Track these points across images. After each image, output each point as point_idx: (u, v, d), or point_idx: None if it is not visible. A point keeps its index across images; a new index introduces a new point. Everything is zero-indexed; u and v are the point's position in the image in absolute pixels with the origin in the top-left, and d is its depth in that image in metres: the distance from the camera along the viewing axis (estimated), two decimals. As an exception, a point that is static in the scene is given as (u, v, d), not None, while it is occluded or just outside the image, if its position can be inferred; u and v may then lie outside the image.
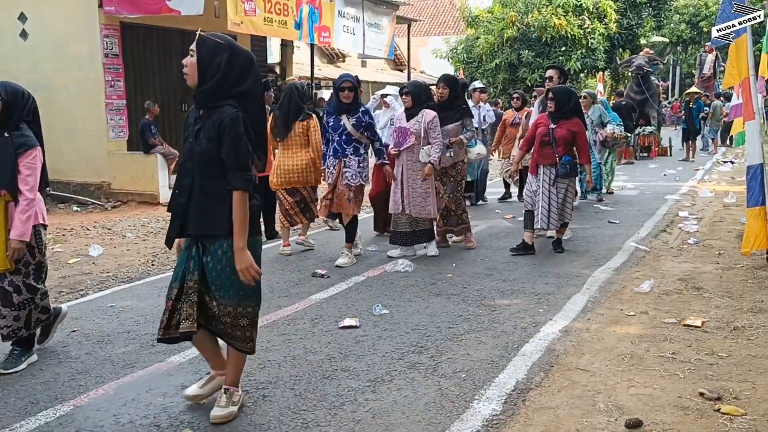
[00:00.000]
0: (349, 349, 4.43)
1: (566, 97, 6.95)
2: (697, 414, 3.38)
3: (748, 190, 5.84)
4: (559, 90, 7.07)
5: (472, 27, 25.89)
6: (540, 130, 6.98)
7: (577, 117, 6.99)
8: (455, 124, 7.05)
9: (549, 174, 6.86)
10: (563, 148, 6.81)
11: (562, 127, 6.85)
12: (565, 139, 6.80)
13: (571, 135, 6.83)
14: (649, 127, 18.97)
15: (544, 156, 6.89)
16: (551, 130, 6.85)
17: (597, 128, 10.36)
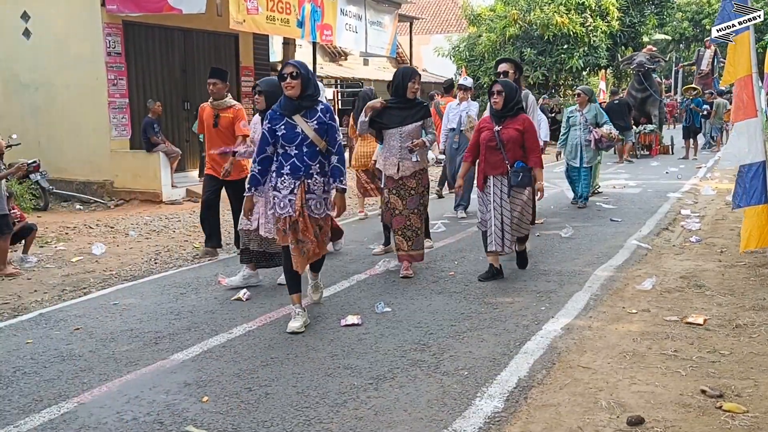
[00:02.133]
0: (351, 346, 4.45)
1: (514, 91, 5.93)
2: (699, 411, 3.38)
3: (749, 189, 5.80)
4: (507, 83, 6.00)
5: (475, 25, 25.86)
6: (484, 135, 5.92)
7: (525, 113, 6.09)
8: (416, 124, 6.10)
9: (500, 185, 5.85)
10: (514, 152, 5.80)
11: (509, 127, 5.82)
12: (514, 141, 5.80)
13: (520, 135, 5.81)
14: (650, 126, 18.76)
15: (493, 165, 5.86)
16: (497, 133, 5.83)
17: (592, 127, 9.84)
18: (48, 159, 11.80)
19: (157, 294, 5.92)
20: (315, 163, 4.74)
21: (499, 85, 5.88)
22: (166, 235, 8.70)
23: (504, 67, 7.08)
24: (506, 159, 5.80)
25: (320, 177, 4.78)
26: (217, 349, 4.47)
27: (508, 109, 5.84)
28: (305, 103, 4.74)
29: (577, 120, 9.90)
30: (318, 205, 4.79)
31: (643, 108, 18.89)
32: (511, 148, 5.80)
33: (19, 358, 4.43)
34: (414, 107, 6.12)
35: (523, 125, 5.84)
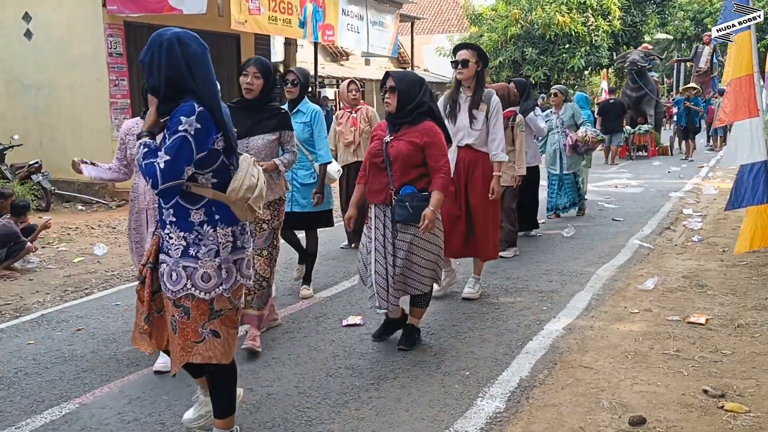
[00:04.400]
0: (353, 347, 4.45)
1: (413, 88, 4.17)
2: (701, 411, 3.38)
3: (751, 188, 5.79)
4: (404, 76, 4.28)
5: (476, 25, 25.89)
6: (372, 146, 4.34)
7: (432, 119, 4.24)
8: (268, 136, 4.37)
9: (383, 218, 4.21)
10: (403, 173, 4.13)
11: (402, 138, 4.15)
12: (405, 159, 4.11)
13: (416, 151, 4.12)
14: (645, 126, 18.28)
15: (375, 189, 4.25)
16: (385, 146, 4.18)
17: (568, 131, 8.92)
18: (50, 159, 11.81)
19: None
20: (168, 206, 2.90)
21: (392, 79, 4.15)
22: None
23: (463, 55, 5.18)
24: (391, 182, 4.13)
25: (179, 231, 2.88)
26: (218, 349, 4.46)
27: (404, 114, 4.16)
28: None
29: (554, 123, 8.98)
30: (175, 277, 2.89)
31: (638, 107, 18.51)
32: (400, 168, 4.12)
33: (20, 358, 4.44)
34: (264, 111, 4.39)
35: (424, 137, 4.11)
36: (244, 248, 3.00)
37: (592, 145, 9.11)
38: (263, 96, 4.34)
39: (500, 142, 5.25)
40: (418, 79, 4.25)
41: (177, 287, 2.90)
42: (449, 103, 5.35)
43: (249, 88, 4.26)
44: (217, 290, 2.90)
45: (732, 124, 6.20)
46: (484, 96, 5.24)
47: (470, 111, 5.21)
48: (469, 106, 5.21)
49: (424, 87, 4.22)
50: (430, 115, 4.22)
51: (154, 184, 2.73)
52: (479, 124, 5.21)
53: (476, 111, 5.20)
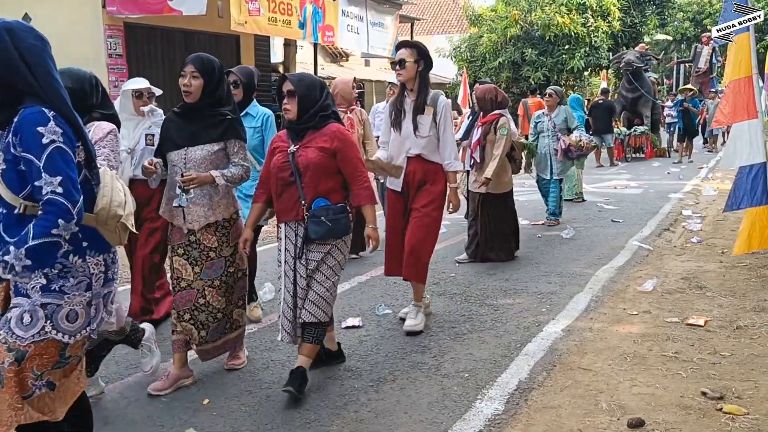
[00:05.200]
0: (352, 348, 4.45)
1: (313, 91, 3.72)
2: (700, 413, 3.38)
3: (750, 190, 5.79)
4: (301, 78, 3.76)
5: (476, 25, 25.86)
6: (275, 160, 3.79)
7: (337, 121, 3.84)
8: (209, 147, 3.78)
9: (294, 238, 3.74)
10: (316, 184, 3.68)
11: (310, 146, 3.69)
12: (317, 168, 3.66)
13: (328, 158, 3.68)
14: (641, 127, 17.97)
15: (285, 206, 3.75)
16: (291, 156, 3.69)
17: (560, 134, 8.55)
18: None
19: (159, 296, 5.91)
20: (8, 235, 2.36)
21: (290, 82, 3.68)
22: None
23: (400, 54, 4.67)
24: (303, 197, 3.66)
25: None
26: (217, 351, 4.46)
27: (306, 119, 3.70)
28: None
29: (545, 126, 8.69)
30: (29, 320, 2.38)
31: (634, 109, 18.26)
32: (313, 179, 3.66)
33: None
34: (205, 118, 3.79)
35: (334, 141, 3.68)
36: (113, 279, 2.59)
37: (585, 151, 8.84)
38: (205, 99, 3.75)
39: (452, 149, 4.76)
40: (318, 81, 3.82)
41: (29, 332, 2.34)
42: (393, 109, 4.83)
43: (187, 91, 3.71)
44: (84, 332, 2.45)
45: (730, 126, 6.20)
46: (429, 98, 4.71)
47: (414, 116, 4.69)
48: (413, 111, 4.70)
49: (326, 90, 3.79)
50: (336, 119, 3.83)
51: (67, 218, 2.25)
52: (426, 130, 4.70)
53: (421, 116, 4.68)
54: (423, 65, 4.69)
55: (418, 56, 4.66)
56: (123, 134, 4.47)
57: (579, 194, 10.70)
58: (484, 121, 6.74)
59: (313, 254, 3.71)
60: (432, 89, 4.82)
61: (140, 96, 4.78)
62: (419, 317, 4.83)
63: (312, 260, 3.71)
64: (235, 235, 3.90)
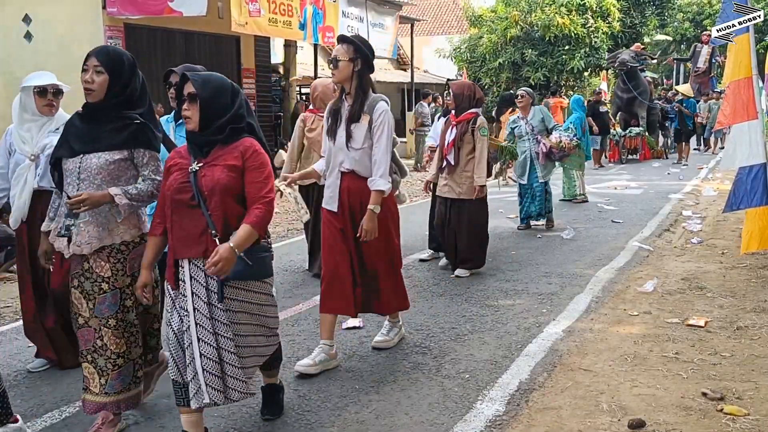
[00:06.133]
0: (352, 350, 4.45)
1: (221, 96, 3.02)
2: (700, 414, 3.39)
3: (750, 191, 5.80)
4: (204, 81, 3.00)
5: (476, 26, 25.87)
6: (172, 179, 3.04)
7: (252, 135, 3.11)
8: (109, 155, 3.19)
9: (203, 279, 2.97)
10: (225, 209, 2.96)
11: (217, 162, 2.99)
12: (227, 191, 2.96)
13: (239, 177, 2.99)
14: (637, 129, 17.61)
15: (186, 237, 2.98)
16: (193, 176, 2.98)
17: (540, 137, 8.23)
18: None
19: (159, 297, 5.91)
20: None
21: (191, 83, 2.98)
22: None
23: (336, 52, 4.04)
24: (212, 226, 2.92)
25: None
26: (218, 352, 4.46)
27: (213, 131, 2.98)
28: None
29: (523, 129, 8.32)
30: None
31: (630, 109, 17.92)
32: (221, 204, 2.94)
33: (20, 361, 4.44)
34: (114, 121, 3.22)
35: (244, 158, 2.99)
36: None
37: (567, 152, 8.56)
38: (111, 98, 3.19)
39: (382, 164, 3.98)
40: (229, 85, 3.06)
41: None
42: (330, 115, 4.16)
43: (89, 88, 3.16)
44: None
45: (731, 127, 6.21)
46: (367, 105, 4.00)
47: (348, 125, 4.01)
48: (347, 118, 4.02)
49: (239, 98, 3.06)
50: (251, 133, 3.10)
51: None
52: (359, 141, 3.98)
53: (355, 125, 3.98)
54: (360, 64, 4.00)
55: (355, 54, 3.99)
56: (25, 138, 3.96)
57: (581, 195, 10.68)
58: (459, 120, 6.18)
59: (239, 292, 3.00)
60: (374, 93, 4.09)
61: (43, 93, 3.96)
62: (392, 334, 4.42)
63: (239, 300, 2.99)
64: (136, 263, 3.20)
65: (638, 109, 17.97)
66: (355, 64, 3.98)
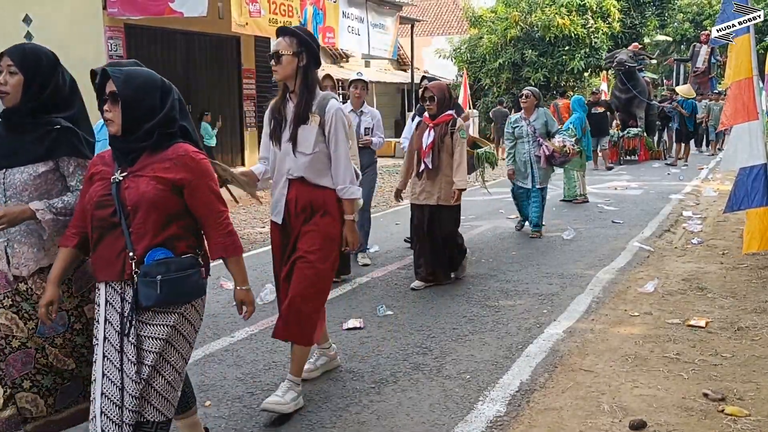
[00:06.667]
0: (353, 350, 4.45)
1: (149, 94, 2.60)
2: (701, 415, 3.39)
3: (750, 191, 5.80)
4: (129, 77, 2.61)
5: (476, 27, 25.91)
6: (92, 190, 2.63)
7: (189, 141, 2.69)
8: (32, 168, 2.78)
9: (118, 305, 2.58)
10: (148, 229, 2.54)
11: (144, 173, 2.57)
12: (153, 206, 2.54)
13: (169, 191, 2.57)
14: (635, 129, 17.44)
15: (104, 259, 2.60)
16: (115, 187, 2.57)
17: (541, 139, 7.92)
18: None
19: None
20: None
21: (113, 80, 2.59)
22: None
23: (278, 45, 3.58)
24: (130, 246, 2.52)
25: None
26: (219, 353, 4.47)
27: (139, 137, 2.57)
28: None
29: (524, 131, 8.04)
30: None
31: (628, 110, 17.71)
32: (145, 222, 2.53)
33: None
34: (33, 130, 2.80)
35: (179, 170, 2.56)
36: None
37: (570, 157, 8.19)
38: (28, 102, 2.77)
39: (347, 169, 3.64)
40: (158, 82, 2.63)
41: None
42: (274, 116, 3.70)
43: (1, 91, 2.76)
44: None
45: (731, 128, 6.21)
46: (315, 103, 3.60)
47: (294, 128, 3.58)
48: (293, 120, 3.59)
49: (171, 97, 2.62)
50: (186, 138, 2.65)
51: None
52: (309, 145, 3.57)
53: (303, 127, 3.57)
54: (306, 59, 3.57)
55: (299, 47, 3.55)
56: None
57: (581, 195, 10.68)
58: (437, 122, 5.85)
59: (150, 329, 2.52)
60: (323, 91, 3.71)
61: None
62: (288, 396, 3.56)
63: (148, 337, 2.52)
64: (83, 282, 2.83)
65: (636, 110, 17.82)
66: (300, 59, 3.56)
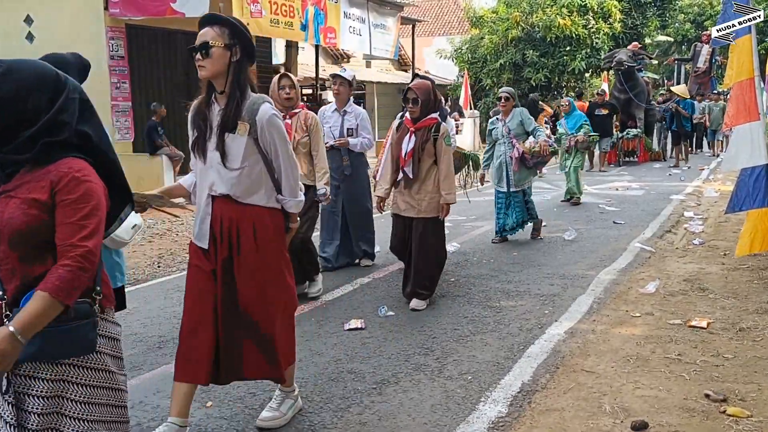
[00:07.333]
0: (354, 351, 4.45)
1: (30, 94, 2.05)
2: (703, 416, 3.38)
3: (752, 192, 5.79)
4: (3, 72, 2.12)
5: (477, 27, 25.93)
6: None
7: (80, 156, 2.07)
8: None
9: None
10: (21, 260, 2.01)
11: (16, 193, 2.01)
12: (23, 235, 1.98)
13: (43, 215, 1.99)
14: (634, 130, 17.15)
15: None
16: None
17: (515, 141, 7.53)
18: (51, 162, 11.84)
19: (161, 298, 5.92)
20: None
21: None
22: (169, 238, 8.70)
23: (206, 35, 2.99)
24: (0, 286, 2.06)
25: None
26: (220, 353, 4.46)
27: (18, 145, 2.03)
28: None
29: (500, 132, 7.63)
30: None
31: (627, 110, 17.45)
32: (11, 254, 2.02)
33: (23, 362, 4.43)
34: None
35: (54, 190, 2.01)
36: None
37: (543, 158, 7.63)
38: None
39: (294, 182, 3.15)
40: (48, 77, 2.16)
41: None
42: (197, 121, 3.09)
43: None
44: None
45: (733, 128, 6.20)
46: (246, 108, 3.01)
47: (220, 136, 3.00)
48: (218, 127, 3.01)
49: (65, 96, 2.12)
50: (84, 149, 2.10)
51: None
52: (236, 158, 3.01)
53: (231, 136, 2.99)
54: (239, 53, 3.01)
55: (231, 39, 2.99)
56: None
57: (573, 195, 10.61)
58: (418, 126, 5.26)
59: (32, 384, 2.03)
60: (255, 93, 3.08)
61: None
62: (285, 406, 3.42)
63: (29, 395, 2.02)
64: None
65: (636, 110, 17.60)
66: (233, 53, 2.98)
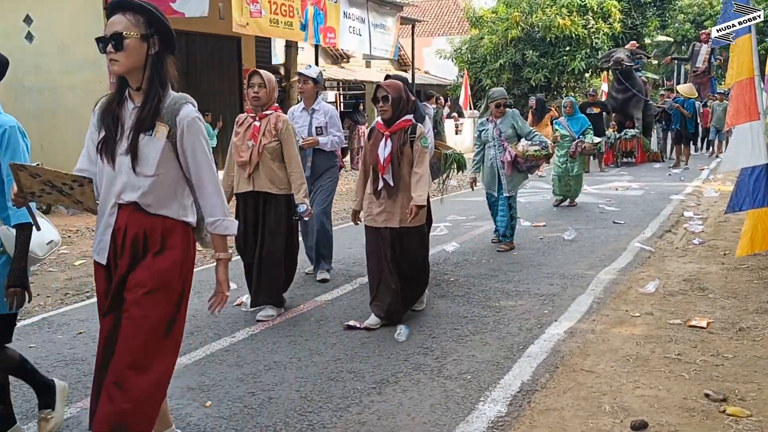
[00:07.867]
0: (354, 350, 4.45)
1: None
2: (703, 415, 3.38)
3: (752, 192, 5.79)
4: None
5: (477, 27, 25.94)
6: None
7: None
8: None
9: None
10: None
11: None
12: None
13: None
14: (632, 131, 17.02)
15: None
16: None
17: (507, 144, 7.25)
18: (51, 162, 11.80)
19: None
20: None
21: None
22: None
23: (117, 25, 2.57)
24: None
25: None
26: (220, 353, 4.47)
27: None
28: None
29: (490, 134, 7.36)
30: None
31: (625, 110, 17.32)
32: None
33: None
34: None
35: None
36: None
37: (537, 162, 7.40)
38: None
39: (217, 198, 2.75)
40: None
41: None
42: (106, 121, 2.67)
43: None
44: None
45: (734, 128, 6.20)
46: (165, 108, 2.64)
47: (134, 138, 2.60)
48: (133, 127, 2.61)
49: None
50: None
51: None
52: (151, 164, 2.61)
53: (146, 139, 2.61)
54: (158, 45, 2.64)
55: (148, 28, 2.61)
56: None
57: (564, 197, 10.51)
58: (393, 129, 4.86)
59: None
60: (176, 92, 2.70)
61: None
62: None
63: None
64: None
65: (634, 110, 17.44)
66: (151, 44, 2.62)
